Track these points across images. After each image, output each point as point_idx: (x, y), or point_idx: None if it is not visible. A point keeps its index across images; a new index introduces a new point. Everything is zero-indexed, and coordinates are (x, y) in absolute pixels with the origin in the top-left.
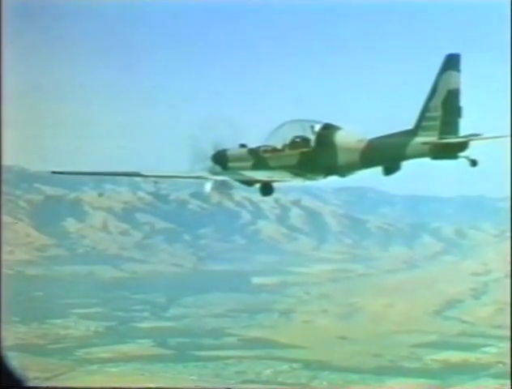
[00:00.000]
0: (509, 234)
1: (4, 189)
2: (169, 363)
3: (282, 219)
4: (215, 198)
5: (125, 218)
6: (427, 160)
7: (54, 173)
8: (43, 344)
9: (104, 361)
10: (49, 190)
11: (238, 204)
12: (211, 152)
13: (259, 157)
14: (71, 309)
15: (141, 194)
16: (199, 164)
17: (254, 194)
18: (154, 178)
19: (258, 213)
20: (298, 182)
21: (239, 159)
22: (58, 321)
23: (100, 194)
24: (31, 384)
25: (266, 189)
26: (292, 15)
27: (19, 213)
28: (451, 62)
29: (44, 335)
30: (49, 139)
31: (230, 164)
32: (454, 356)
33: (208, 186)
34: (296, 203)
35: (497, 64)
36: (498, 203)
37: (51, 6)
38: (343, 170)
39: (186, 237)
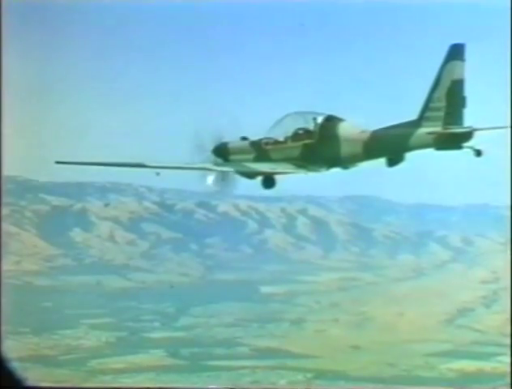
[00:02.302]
0: None
1: (9, 199)
2: (183, 373)
3: (288, 228)
4: (217, 191)
5: (131, 228)
6: (430, 169)
7: (58, 163)
8: (54, 355)
9: (118, 372)
10: (54, 200)
11: (244, 213)
12: (212, 146)
13: (261, 150)
14: (81, 320)
15: (147, 203)
16: (200, 157)
17: (260, 203)
18: (157, 170)
19: (264, 222)
20: (301, 174)
21: (240, 151)
22: (69, 331)
23: (106, 204)
24: (31, 384)
25: (268, 181)
26: (291, 7)
27: (26, 224)
28: (455, 52)
29: (55, 346)
30: (52, 148)
31: (231, 157)
32: (470, 365)
33: (210, 179)
34: (303, 212)
35: (502, 54)
36: (503, 211)
37: (52, 6)
38: (346, 162)
39: (193, 246)
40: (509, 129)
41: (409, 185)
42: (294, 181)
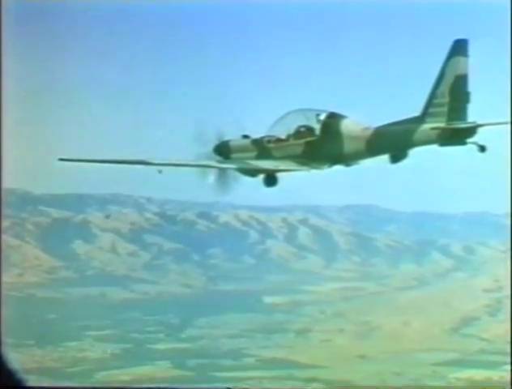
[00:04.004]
0: None
1: (9, 212)
2: (190, 385)
3: (290, 238)
4: (218, 189)
5: (132, 239)
6: (428, 177)
7: (61, 160)
8: (61, 367)
9: (125, 384)
10: (54, 212)
11: (245, 224)
12: (214, 144)
13: (263, 147)
14: (85, 332)
15: (147, 214)
16: (202, 156)
17: (261, 213)
18: (159, 167)
19: (265, 232)
20: (303, 171)
21: (242, 149)
22: (73, 343)
23: (107, 216)
24: (31, 384)
25: (270, 179)
26: (293, 6)
27: (27, 236)
28: (459, 48)
29: (60, 358)
30: (50, 160)
31: (233, 155)
32: (477, 374)
33: (212, 177)
34: (303, 221)
35: (507, 49)
36: (502, 220)
37: (52, 8)
38: (348, 159)
39: (195, 257)
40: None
41: (407, 194)
42: (293, 191)
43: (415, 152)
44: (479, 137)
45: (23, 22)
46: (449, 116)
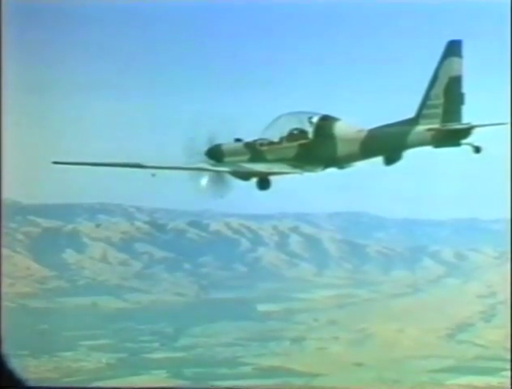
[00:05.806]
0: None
1: None
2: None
3: (281, 245)
4: (211, 192)
5: (123, 248)
6: (417, 183)
7: (56, 163)
8: (57, 378)
9: None
10: (43, 222)
11: (237, 232)
12: (206, 148)
13: (256, 151)
14: (79, 342)
15: (138, 223)
16: (194, 160)
17: (252, 221)
18: (153, 171)
19: (257, 240)
20: (297, 174)
21: (235, 153)
22: (68, 353)
23: (98, 225)
24: (31, 384)
25: (263, 183)
26: (286, 9)
27: (17, 246)
28: (453, 49)
29: (56, 369)
30: (39, 170)
31: (226, 159)
32: (475, 380)
33: (204, 181)
34: (294, 229)
35: (501, 50)
36: (492, 225)
37: (51, 8)
38: (342, 161)
39: (187, 265)
40: (508, 125)
41: (397, 201)
42: (284, 197)
43: (403, 157)
44: (472, 139)
45: (22, 23)
46: (443, 117)
